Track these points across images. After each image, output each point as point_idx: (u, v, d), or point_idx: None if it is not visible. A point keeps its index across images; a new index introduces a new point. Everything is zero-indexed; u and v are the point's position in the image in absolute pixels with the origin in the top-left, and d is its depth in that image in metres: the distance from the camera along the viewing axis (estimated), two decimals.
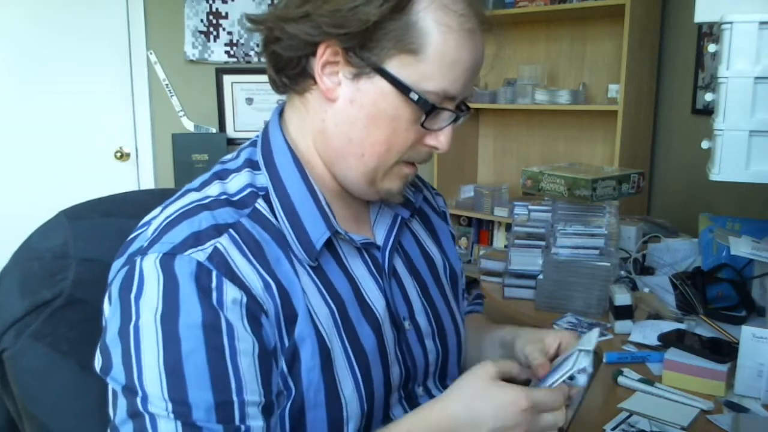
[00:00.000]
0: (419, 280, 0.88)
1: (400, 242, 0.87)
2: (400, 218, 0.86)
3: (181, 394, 0.62)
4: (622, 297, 1.42)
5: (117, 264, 0.71)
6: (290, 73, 0.76)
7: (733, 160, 1.19)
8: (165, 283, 0.65)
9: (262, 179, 0.76)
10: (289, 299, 0.70)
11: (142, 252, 0.67)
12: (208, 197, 0.73)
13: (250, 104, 3.29)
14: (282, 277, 0.71)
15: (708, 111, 2.00)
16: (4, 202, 3.13)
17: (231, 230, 0.70)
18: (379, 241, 0.83)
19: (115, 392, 0.66)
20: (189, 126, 3.27)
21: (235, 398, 0.64)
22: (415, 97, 0.71)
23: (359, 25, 0.68)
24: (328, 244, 0.76)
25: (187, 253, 0.66)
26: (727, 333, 1.33)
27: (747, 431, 0.98)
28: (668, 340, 1.26)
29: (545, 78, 3.01)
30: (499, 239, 3.18)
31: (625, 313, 1.42)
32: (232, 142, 3.24)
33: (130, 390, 0.64)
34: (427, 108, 0.72)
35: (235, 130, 3.29)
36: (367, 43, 0.70)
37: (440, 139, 0.76)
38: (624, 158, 2.58)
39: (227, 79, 3.26)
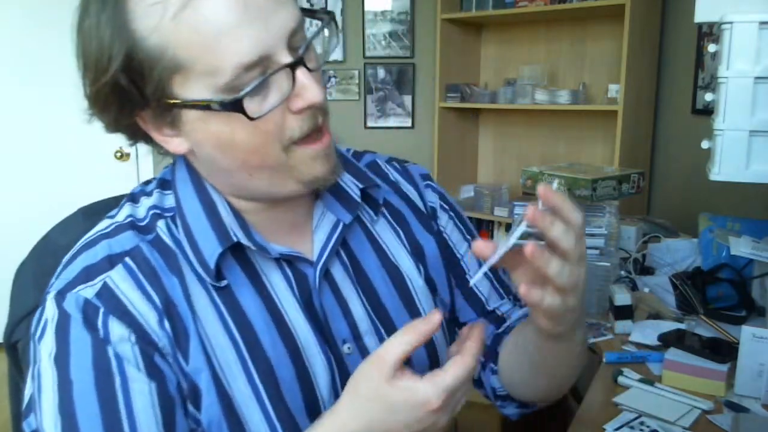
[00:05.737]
0: (371, 295, 0.75)
1: (349, 251, 0.75)
2: (341, 225, 0.73)
3: None
4: (622, 297, 1.41)
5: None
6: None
7: (733, 160, 1.18)
8: (58, 323, 0.63)
9: (171, 200, 0.70)
10: (185, 330, 0.65)
11: (47, 289, 0.66)
12: (114, 224, 0.69)
13: None
14: (178, 305, 0.65)
15: (708, 111, 1.99)
16: (3, 203, 3.14)
17: (127, 258, 0.65)
18: (316, 252, 0.72)
19: None
20: None
21: None
22: (217, 107, 0.59)
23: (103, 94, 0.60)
24: (243, 260, 0.68)
25: (76, 290, 0.63)
26: (727, 333, 1.33)
27: (747, 431, 0.98)
28: (668, 340, 1.26)
29: (545, 78, 3.02)
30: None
31: (625, 313, 1.42)
32: None
33: None
34: (234, 107, 0.58)
35: None
36: (139, 88, 0.60)
37: (305, 95, 0.61)
38: (624, 158, 2.58)
39: None
